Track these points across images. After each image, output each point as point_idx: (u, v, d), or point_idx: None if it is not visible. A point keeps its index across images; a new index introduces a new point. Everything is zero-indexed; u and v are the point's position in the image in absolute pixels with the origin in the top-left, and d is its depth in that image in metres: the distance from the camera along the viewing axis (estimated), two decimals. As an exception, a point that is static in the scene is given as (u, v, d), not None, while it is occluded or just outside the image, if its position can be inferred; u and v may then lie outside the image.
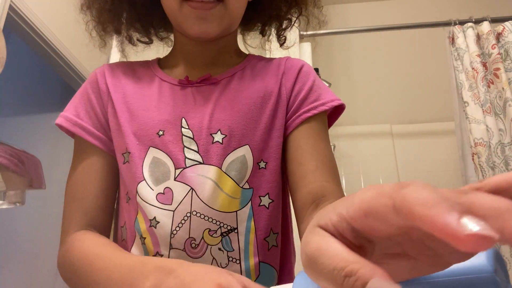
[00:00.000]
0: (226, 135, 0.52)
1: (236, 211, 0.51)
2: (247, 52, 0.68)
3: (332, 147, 2.10)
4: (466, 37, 1.88)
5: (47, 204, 2.23)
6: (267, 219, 0.53)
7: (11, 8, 1.65)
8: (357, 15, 2.64)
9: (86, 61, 2.23)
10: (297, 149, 0.53)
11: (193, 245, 0.49)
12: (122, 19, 0.64)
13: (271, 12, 0.65)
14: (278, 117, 0.56)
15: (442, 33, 1.99)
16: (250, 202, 0.52)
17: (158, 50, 0.71)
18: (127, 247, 0.52)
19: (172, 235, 0.49)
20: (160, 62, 0.64)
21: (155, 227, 0.50)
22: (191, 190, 0.50)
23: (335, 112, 0.60)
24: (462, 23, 1.92)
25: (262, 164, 0.54)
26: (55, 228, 2.39)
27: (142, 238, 0.50)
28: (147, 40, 0.69)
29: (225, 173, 0.51)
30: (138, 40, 0.69)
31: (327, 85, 2.20)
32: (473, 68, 1.81)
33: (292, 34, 0.72)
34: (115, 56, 1.93)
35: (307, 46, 1.86)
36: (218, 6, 0.52)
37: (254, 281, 0.49)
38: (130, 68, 0.62)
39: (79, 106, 0.57)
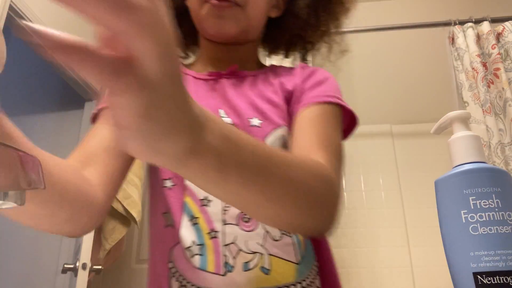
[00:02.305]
0: (262, 121, 0.57)
1: None
2: None
3: (332, 147, 2.10)
4: (466, 37, 1.88)
5: (47, 204, 2.23)
6: None
7: (11, 8, 1.65)
8: (357, 15, 2.63)
9: (86, 61, 2.23)
10: (296, 124, 0.56)
11: (245, 219, 0.53)
12: None
13: (293, 31, 0.70)
14: (293, 107, 0.60)
15: (442, 33, 1.99)
16: None
17: None
18: (174, 232, 0.54)
19: (224, 212, 0.53)
20: (188, 68, 0.70)
21: (208, 205, 0.53)
22: None
23: (349, 126, 0.63)
24: (462, 23, 1.93)
25: None
26: (55, 228, 2.37)
27: (195, 219, 0.53)
28: (184, 55, 0.76)
29: None
30: None
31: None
32: (473, 68, 1.81)
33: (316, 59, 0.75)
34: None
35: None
36: (236, 8, 0.58)
37: (302, 256, 0.54)
38: None
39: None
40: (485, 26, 1.86)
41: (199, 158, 0.27)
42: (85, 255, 1.49)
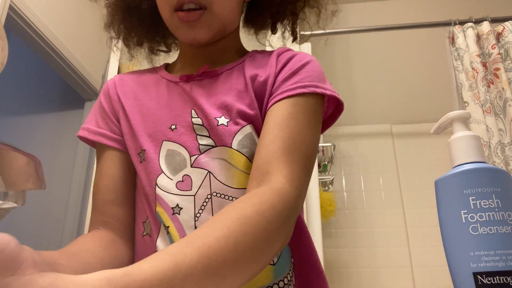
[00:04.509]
0: (230, 119, 0.55)
1: None
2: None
3: (332, 147, 2.10)
4: (466, 37, 1.88)
5: (47, 204, 2.23)
6: None
7: (11, 8, 1.65)
8: (357, 15, 2.64)
9: (86, 61, 2.23)
10: (264, 125, 0.53)
11: None
12: (137, 33, 0.71)
13: (271, 9, 0.67)
14: (265, 101, 0.57)
15: (442, 33, 1.99)
16: None
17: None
18: (151, 241, 0.54)
19: (196, 218, 0.52)
20: (168, 67, 0.69)
21: (179, 214, 0.52)
22: (208, 174, 0.53)
23: (335, 112, 0.59)
24: (462, 23, 1.92)
25: None
26: (55, 228, 2.38)
27: (166, 228, 0.52)
28: (166, 49, 0.76)
29: (237, 150, 0.54)
30: (158, 50, 0.75)
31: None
32: (473, 68, 1.81)
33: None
34: (114, 58, 1.93)
35: (307, 46, 1.86)
36: (204, 13, 0.56)
37: (279, 256, 0.52)
38: (138, 75, 0.67)
39: (97, 116, 0.63)
40: (485, 26, 1.86)
41: None
42: (85, 255, 1.49)
